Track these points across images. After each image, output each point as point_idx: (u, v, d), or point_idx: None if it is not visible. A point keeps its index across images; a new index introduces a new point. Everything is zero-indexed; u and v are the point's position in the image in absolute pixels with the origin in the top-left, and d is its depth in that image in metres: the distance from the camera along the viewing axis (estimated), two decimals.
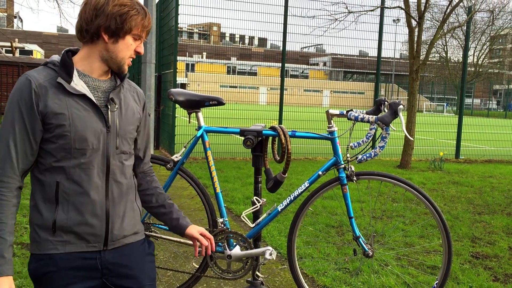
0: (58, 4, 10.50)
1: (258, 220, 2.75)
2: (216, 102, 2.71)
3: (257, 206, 2.74)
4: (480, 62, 40.73)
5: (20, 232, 4.13)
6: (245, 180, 6.88)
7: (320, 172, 2.71)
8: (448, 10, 9.29)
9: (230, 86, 16.44)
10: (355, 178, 2.67)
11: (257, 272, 2.75)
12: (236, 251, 2.68)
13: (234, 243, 2.71)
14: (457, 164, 9.88)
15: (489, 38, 40.48)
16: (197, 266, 2.86)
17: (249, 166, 8.09)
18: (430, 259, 3.93)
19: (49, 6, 23.80)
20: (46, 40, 57.48)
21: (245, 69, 28.69)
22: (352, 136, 2.70)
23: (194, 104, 2.73)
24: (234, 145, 9.23)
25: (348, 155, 2.69)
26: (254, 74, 26.58)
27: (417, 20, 8.76)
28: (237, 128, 2.73)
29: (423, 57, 9.56)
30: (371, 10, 9.61)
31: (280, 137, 2.66)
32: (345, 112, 2.64)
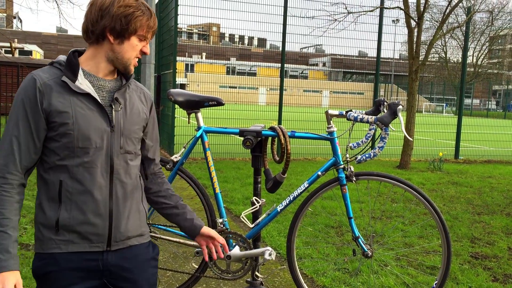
0: (58, 5, 10.48)
1: (258, 221, 2.75)
2: (216, 103, 2.72)
3: (257, 207, 2.74)
4: (480, 63, 40.83)
5: (20, 232, 4.13)
6: (245, 181, 6.88)
7: (320, 173, 2.72)
8: (448, 11, 9.30)
9: (230, 87, 16.43)
10: (355, 179, 2.67)
11: (257, 273, 2.75)
12: (236, 252, 2.68)
13: (234, 244, 2.71)
14: (457, 165, 9.88)
15: (488, 39, 40.59)
16: (197, 267, 2.86)
17: (249, 167, 8.09)
18: (430, 260, 3.94)
19: (49, 7, 23.88)
20: (46, 41, 57.40)
21: (245, 70, 28.73)
22: (352, 137, 2.70)
23: (194, 105, 2.73)
24: (234, 146, 9.23)
25: (348, 156, 2.69)
26: (254, 75, 26.61)
27: (417, 21, 8.76)
28: (237, 129, 2.74)
29: (423, 58, 9.57)
30: (371, 11, 9.63)
31: (280, 138, 2.66)
32: (345, 113, 2.64)
